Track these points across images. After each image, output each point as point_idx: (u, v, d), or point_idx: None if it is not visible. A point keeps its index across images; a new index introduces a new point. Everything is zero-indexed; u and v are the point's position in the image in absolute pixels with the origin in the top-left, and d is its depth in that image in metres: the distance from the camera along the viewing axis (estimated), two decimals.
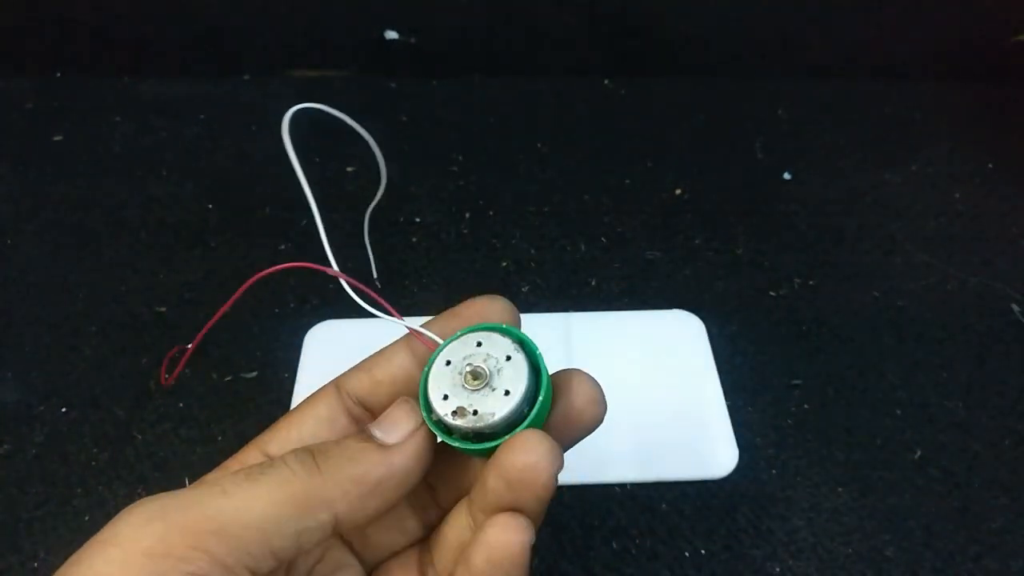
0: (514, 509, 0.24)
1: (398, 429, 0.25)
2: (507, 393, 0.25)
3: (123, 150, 0.61)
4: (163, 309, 0.50)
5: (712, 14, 0.67)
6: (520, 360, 0.25)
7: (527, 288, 0.52)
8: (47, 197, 0.57)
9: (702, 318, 0.50)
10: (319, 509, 0.23)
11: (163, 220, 0.56)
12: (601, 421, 0.27)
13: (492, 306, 0.28)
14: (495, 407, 0.24)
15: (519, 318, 0.28)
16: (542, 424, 0.25)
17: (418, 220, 0.56)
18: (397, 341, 0.29)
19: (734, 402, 0.46)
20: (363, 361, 0.29)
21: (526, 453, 0.24)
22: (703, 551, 0.41)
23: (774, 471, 0.44)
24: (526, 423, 0.25)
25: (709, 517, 0.42)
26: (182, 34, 0.67)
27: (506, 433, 0.24)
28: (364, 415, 0.28)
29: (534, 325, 0.49)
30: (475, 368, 0.25)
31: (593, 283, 0.52)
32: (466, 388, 0.25)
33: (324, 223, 0.31)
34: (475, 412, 0.25)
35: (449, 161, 0.61)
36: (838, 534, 0.41)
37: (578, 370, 0.27)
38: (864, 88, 0.68)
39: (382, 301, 0.28)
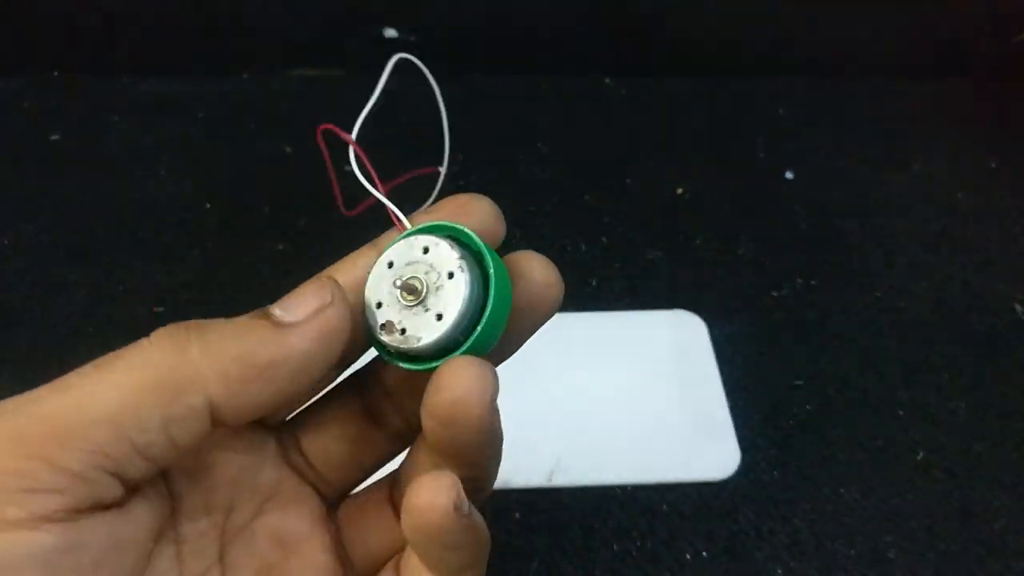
0: (456, 447, 0.21)
1: (301, 307, 0.21)
2: (439, 318, 0.22)
3: (122, 150, 0.61)
4: (161, 309, 0.50)
5: (713, 13, 0.67)
6: (462, 281, 0.22)
7: None
8: (45, 197, 0.57)
9: (703, 318, 0.50)
10: (188, 392, 0.19)
11: (162, 220, 0.56)
12: (559, 304, 0.24)
13: (473, 205, 0.24)
14: (422, 331, 0.22)
15: (503, 224, 0.25)
16: (488, 347, 0.23)
17: None
18: (368, 244, 0.25)
19: (735, 403, 0.46)
20: (329, 268, 0.25)
21: (450, 389, 0.21)
22: (704, 553, 0.40)
23: (776, 472, 0.43)
24: (460, 351, 0.22)
25: (710, 518, 0.42)
26: (181, 33, 0.67)
27: (438, 358, 0.22)
28: None
29: None
30: (410, 282, 0.22)
31: (594, 283, 0.52)
32: (400, 301, 0.22)
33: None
34: (403, 331, 0.22)
35: (449, 161, 0.60)
36: (840, 535, 0.41)
37: (530, 252, 0.24)
38: (866, 87, 0.68)
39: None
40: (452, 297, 0.22)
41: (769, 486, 0.43)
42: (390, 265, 0.23)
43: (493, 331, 0.22)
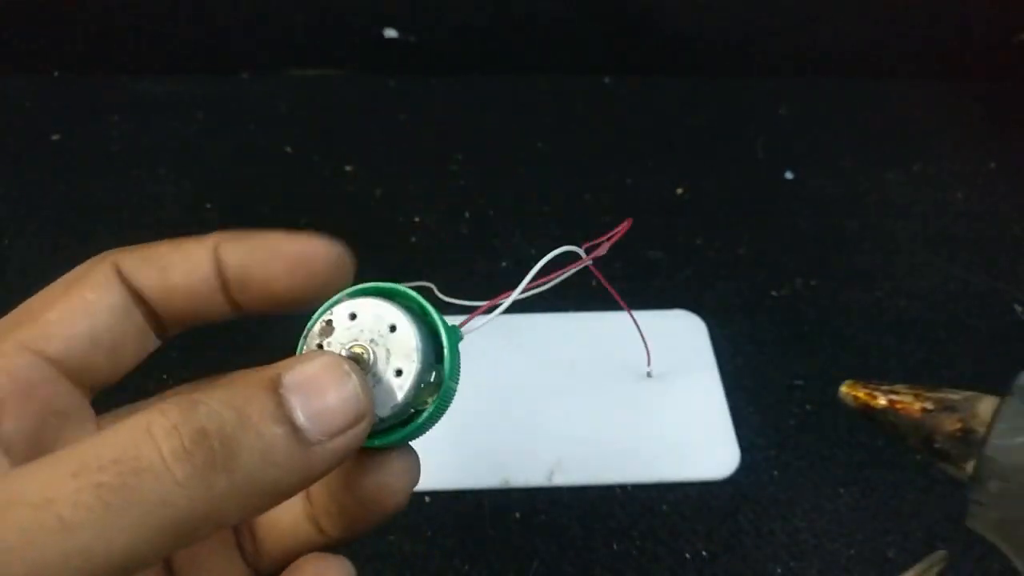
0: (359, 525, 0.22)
1: (333, 420, 0.18)
2: (399, 373, 0.20)
3: (121, 149, 0.61)
4: None
5: (713, 12, 0.66)
6: (410, 378, 0.20)
7: None
8: (45, 197, 0.57)
9: (703, 318, 0.50)
10: (202, 532, 0.16)
11: (161, 220, 0.56)
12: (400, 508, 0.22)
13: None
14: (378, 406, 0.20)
15: (349, 265, 0.23)
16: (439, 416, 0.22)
17: (417, 220, 0.56)
18: (207, 237, 0.23)
19: (735, 403, 0.46)
20: (152, 247, 0.23)
21: (392, 481, 0.21)
22: (704, 553, 0.40)
23: (775, 472, 0.43)
24: (414, 425, 0.21)
25: (710, 518, 0.42)
26: (181, 32, 0.67)
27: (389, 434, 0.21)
28: (150, 312, 0.22)
29: (535, 326, 0.48)
30: (356, 351, 0.20)
31: (594, 283, 0.52)
32: None
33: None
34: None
35: (448, 160, 0.61)
36: (840, 535, 0.41)
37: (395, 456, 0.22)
38: (866, 87, 0.68)
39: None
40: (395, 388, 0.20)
41: (769, 486, 0.43)
42: (352, 317, 0.21)
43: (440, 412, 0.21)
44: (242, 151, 0.61)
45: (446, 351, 0.21)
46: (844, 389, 0.19)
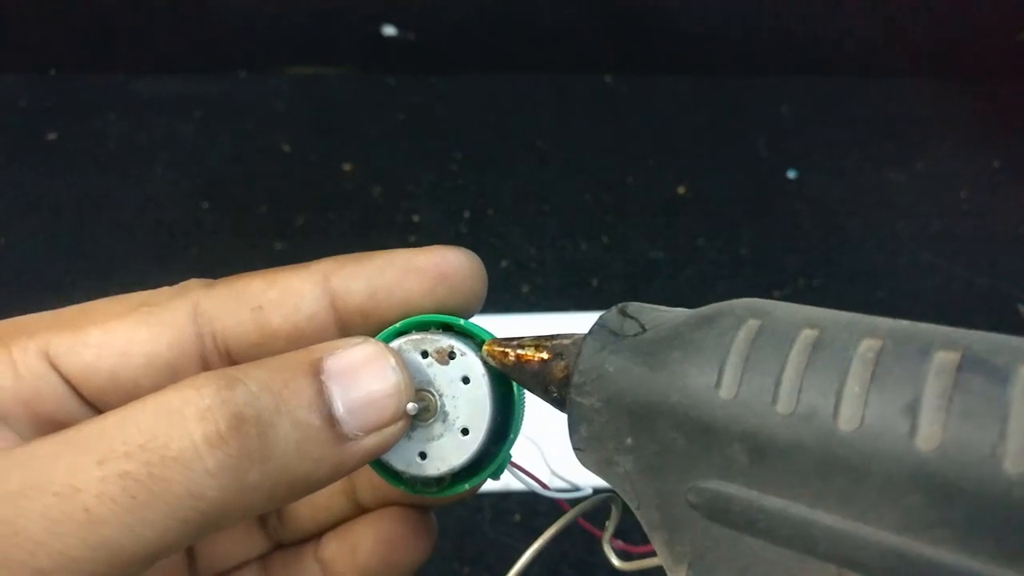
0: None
1: (372, 414, 0.17)
2: (465, 432, 0.19)
3: (118, 148, 0.60)
4: None
5: (715, 11, 0.66)
6: (475, 442, 0.19)
7: (527, 288, 0.51)
8: (41, 196, 0.57)
9: None
10: (231, 521, 0.16)
11: (159, 219, 0.55)
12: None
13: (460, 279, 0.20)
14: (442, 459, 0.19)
15: (485, 286, 0.21)
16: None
17: (416, 219, 0.56)
18: (309, 267, 0.20)
19: None
20: (243, 282, 0.20)
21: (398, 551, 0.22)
22: None
23: None
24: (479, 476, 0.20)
25: None
26: (178, 31, 0.67)
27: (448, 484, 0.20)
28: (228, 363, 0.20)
29: (534, 326, 0.48)
30: (424, 400, 0.19)
31: (595, 283, 0.52)
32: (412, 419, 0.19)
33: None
34: (423, 455, 0.19)
35: (448, 159, 0.60)
36: None
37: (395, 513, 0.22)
38: (869, 86, 0.67)
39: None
40: (453, 451, 0.19)
41: None
42: (424, 355, 0.19)
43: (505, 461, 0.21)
44: (240, 150, 0.61)
45: (515, 406, 0.20)
46: (485, 348, 0.19)
